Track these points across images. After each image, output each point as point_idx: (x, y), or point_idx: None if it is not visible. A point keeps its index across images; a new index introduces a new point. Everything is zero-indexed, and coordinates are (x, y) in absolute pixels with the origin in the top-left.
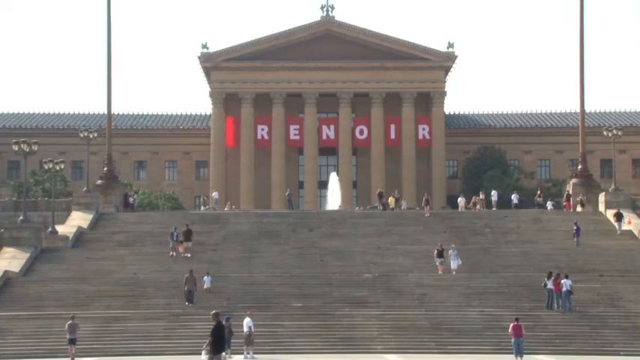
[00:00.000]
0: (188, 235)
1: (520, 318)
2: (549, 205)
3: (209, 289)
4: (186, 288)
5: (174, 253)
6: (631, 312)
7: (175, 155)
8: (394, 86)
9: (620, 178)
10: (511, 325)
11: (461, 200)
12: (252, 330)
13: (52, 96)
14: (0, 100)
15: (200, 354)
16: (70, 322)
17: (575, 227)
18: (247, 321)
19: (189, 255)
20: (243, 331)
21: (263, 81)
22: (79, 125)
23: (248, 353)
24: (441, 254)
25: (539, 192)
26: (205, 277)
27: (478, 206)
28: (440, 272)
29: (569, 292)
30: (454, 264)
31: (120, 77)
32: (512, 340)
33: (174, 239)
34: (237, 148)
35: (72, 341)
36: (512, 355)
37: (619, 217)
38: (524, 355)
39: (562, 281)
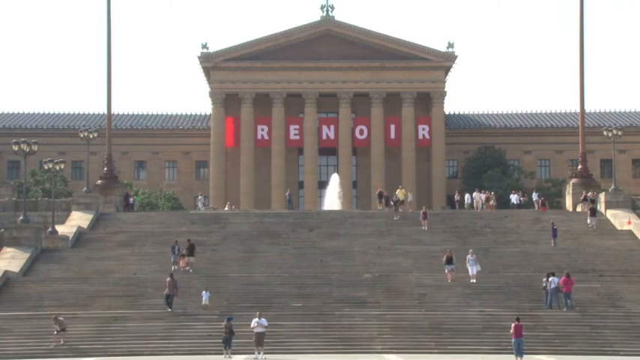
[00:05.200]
0: (191, 249)
1: (520, 318)
2: (514, 198)
3: (206, 306)
4: (166, 291)
5: (176, 267)
6: (631, 312)
7: (175, 155)
8: (394, 86)
9: (620, 178)
10: (512, 325)
11: (480, 195)
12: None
13: (52, 96)
14: (0, 100)
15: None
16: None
17: (552, 228)
18: (262, 320)
19: (190, 270)
20: (253, 332)
21: (263, 81)
22: (79, 125)
23: (259, 353)
24: (450, 261)
25: (512, 192)
26: (203, 292)
27: (492, 202)
28: (449, 280)
29: (557, 290)
30: (473, 269)
31: (120, 77)
32: (512, 340)
33: (176, 253)
34: (237, 148)
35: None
36: (513, 355)
37: (593, 212)
38: (525, 355)
39: (549, 279)
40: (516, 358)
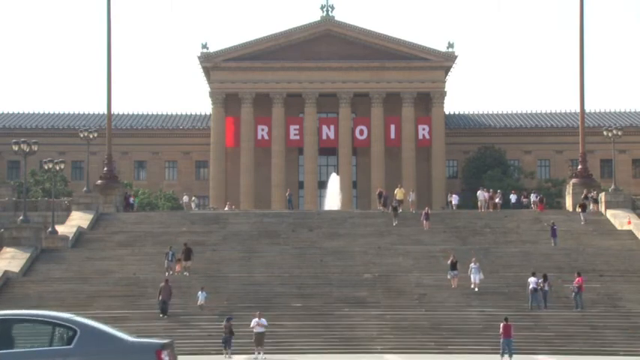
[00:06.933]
0: (188, 254)
1: (520, 318)
2: (514, 198)
3: (202, 306)
4: (160, 298)
5: (171, 272)
6: (631, 312)
7: (175, 155)
8: (394, 86)
9: (620, 178)
10: (501, 325)
11: (482, 194)
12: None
13: (52, 96)
14: (0, 100)
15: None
16: None
17: (551, 228)
18: (261, 320)
19: (186, 274)
20: (253, 332)
21: (263, 81)
22: (79, 125)
23: (259, 353)
24: (454, 266)
25: (512, 192)
26: (200, 292)
27: (497, 200)
28: (454, 286)
29: (535, 290)
30: (476, 277)
31: (120, 77)
32: (502, 340)
33: (170, 259)
34: (237, 148)
35: None
36: (514, 356)
37: (584, 208)
38: (525, 355)
39: (528, 279)
40: (502, 358)
